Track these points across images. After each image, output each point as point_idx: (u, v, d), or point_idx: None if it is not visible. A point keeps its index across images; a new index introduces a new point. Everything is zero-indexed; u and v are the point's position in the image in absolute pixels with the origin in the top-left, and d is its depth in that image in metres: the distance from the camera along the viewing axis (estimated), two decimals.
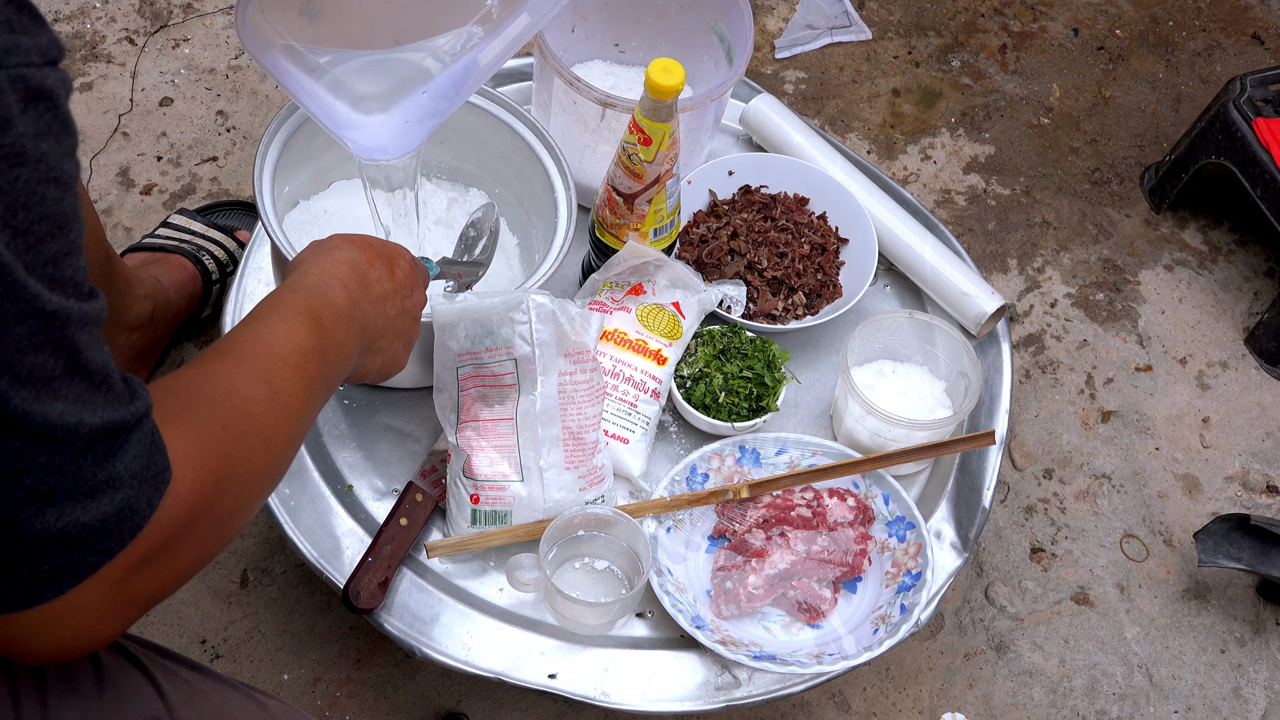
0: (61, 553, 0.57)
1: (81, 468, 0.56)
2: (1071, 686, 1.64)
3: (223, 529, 0.71)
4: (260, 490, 0.76)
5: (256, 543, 1.61)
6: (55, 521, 0.56)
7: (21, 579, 0.57)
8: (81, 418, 0.55)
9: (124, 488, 0.59)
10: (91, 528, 0.58)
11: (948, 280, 1.48)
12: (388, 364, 1.00)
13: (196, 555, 0.69)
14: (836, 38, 2.21)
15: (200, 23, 2.07)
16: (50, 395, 0.54)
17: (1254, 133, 1.88)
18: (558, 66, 1.36)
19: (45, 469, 0.55)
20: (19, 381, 0.52)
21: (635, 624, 1.27)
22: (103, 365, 0.57)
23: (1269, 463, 1.85)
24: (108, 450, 0.57)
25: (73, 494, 0.56)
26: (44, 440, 0.54)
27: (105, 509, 0.58)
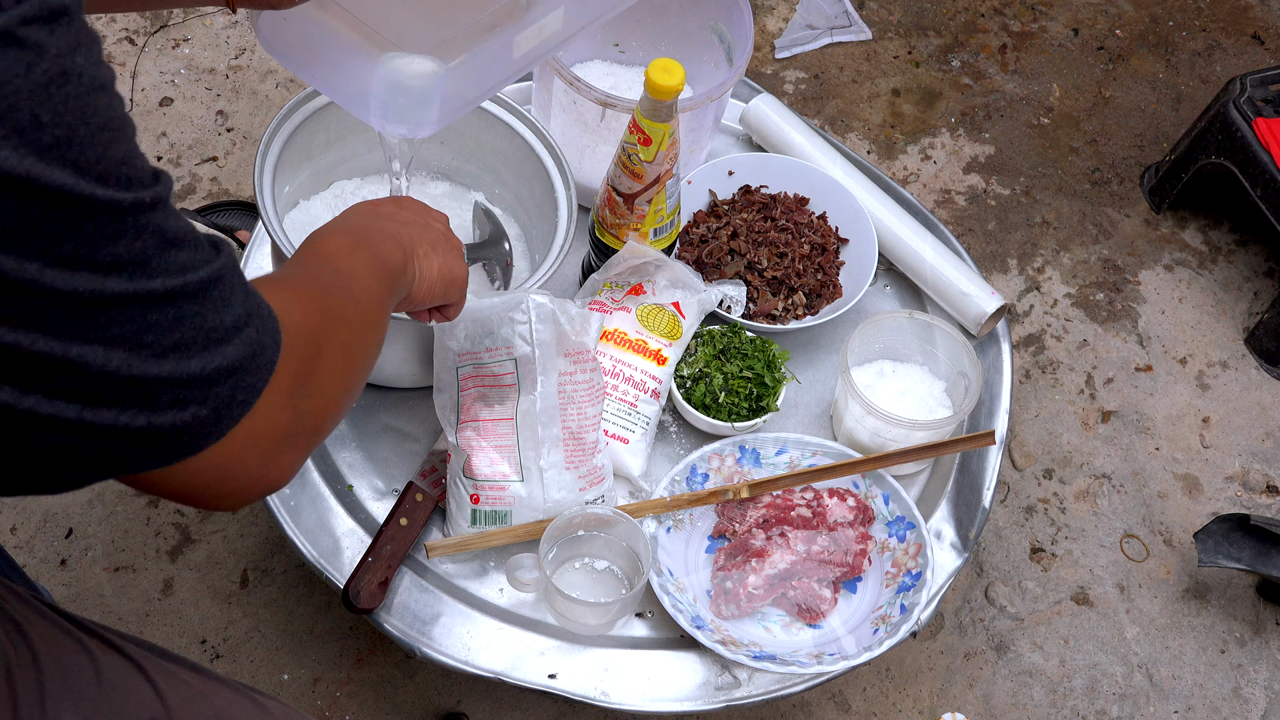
0: (218, 394, 0.63)
1: (206, 317, 0.62)
2: (1071, 686, 1.64)
3: (349, 359, 0.78)
4: (365, 334, 0.82)
5: (256, 543, 1.61)
6: (202, 368, 0.62)
7: (190, 424, 0.62)
8: (186, 278, 0.61)
9: (248, 327, 0.65)
10: (234, 368, 0.63)
11: (948, 280, 1.48)
12: (446, 271, 1.02)
13: (339, 382, 0.75)
14: (836, 38, 2.21)
15: (200, 23, 2.08)
16: (157, 267, 0.59)
17: (1254, 133, 1.88)
18: (558, 66, 1.36)
19: (176, 322, 0.60)
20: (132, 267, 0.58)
21: (635, 624, 1.27)
22: (187, 229, 0.62)
23: (1269, 463, 1.85)
24: (221, 298, 0.63)
25: (209, 341, 0.62)
26: (167, 299, 0.60)
27: (241, 349, 0.64)
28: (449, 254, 1.03)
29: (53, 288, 0.55)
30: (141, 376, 0.59)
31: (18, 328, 0.55)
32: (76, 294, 0.56)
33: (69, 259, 0.55)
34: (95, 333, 0.57)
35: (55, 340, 0.56)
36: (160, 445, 0.62)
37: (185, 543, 1.60)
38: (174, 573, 1.58)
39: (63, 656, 0.84)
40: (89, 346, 0.57)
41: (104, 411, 0.59)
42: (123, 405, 0.59)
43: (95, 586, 1.56)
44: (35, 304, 0.55)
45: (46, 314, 0.56)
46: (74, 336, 0.57)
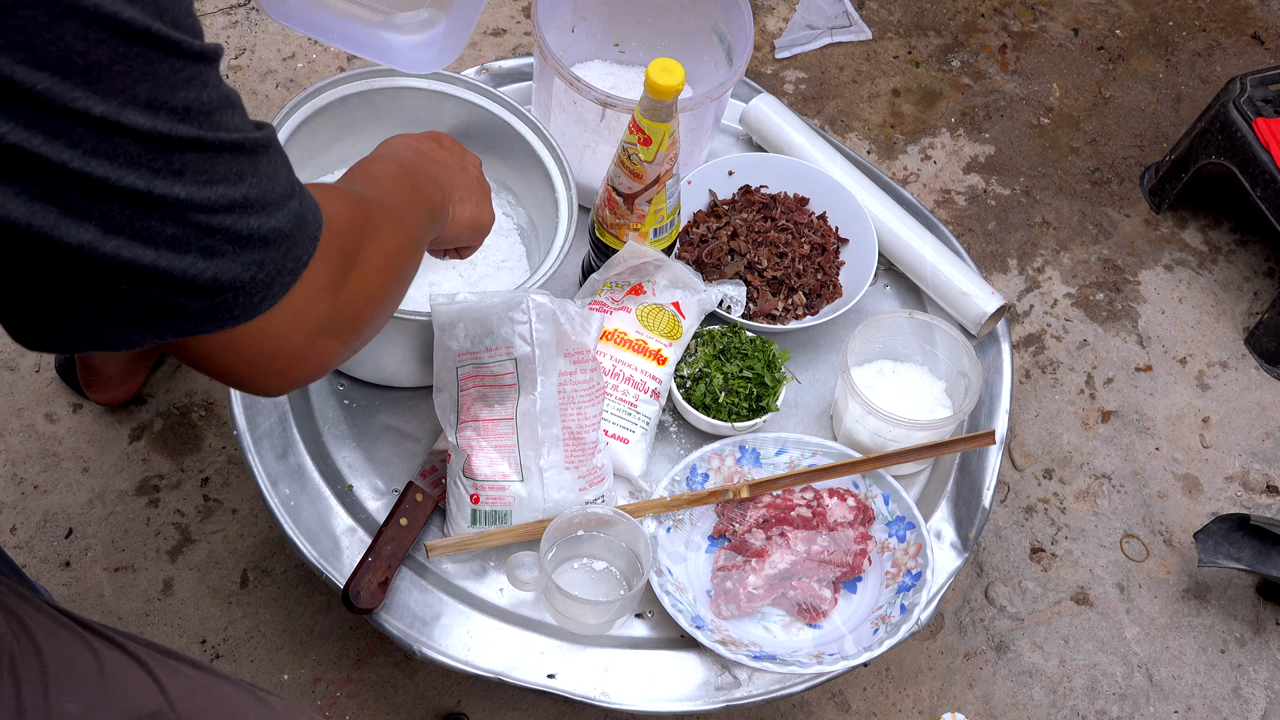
0: (271, 257, 0.65)
1: (261, 180, 0.64)
2: (1071, 686, 1.64)
3: (389, 264, 0.80)
4: (407, 246, 0.84)
5: (256, 543, 1.61)
6: (259, 226, 0.64)
7: (246, 285, 0.64)
8: (245, 135, 0.63)
9: (293, 198, 0.67)
10: (285, 234, 0.66)
11: (948, 280, 1.48)
12: (478, 214, 1.07)
13: (377, 283, 0.77)
14: (836, 38, 2.21)
15: (200, 22, 2.08)
16: (220, 121, 0.62)
17: (1254, 133, 1.88)
18: (558, 66, 1.36)
19: (238, 177, 0.63)
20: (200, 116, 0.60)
21: (635, 624, 1.27)
22: (238, 99, 0.65)
23: (1269, 463, 1.85)
24: (270, 166, 0.65)
25: (264, 203, 0.64)
26: (230, 150, 0.62)
27: (289, 217, 0.66)
28: (481, 200, 1.08)
29: (134, 127, 0.57)
30: (209, 226, 0.61)
31: (106, 163, 0.57)
32: (155, 134, 0.58)
33: (147, 101, 0.57)
34: (171, 173, 0.59)
35: (139, 176, 0.58)
36: (219, 304, 0.64)
37: (185, 543, 1.60)
38: (174, 573, 1.58)
39: (65, 649, 0.84)
40: (167, 183, 0.59)
41: (175, 257, 0.61)
42: (192, 252, 0.61)
43: (95, 586, 1.56)
44: (119, 142, 0.57)
45: (130, 151, 0.57)
46: (154, 174, 0.59)
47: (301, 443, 1.30)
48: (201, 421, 1.68)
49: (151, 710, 0.86)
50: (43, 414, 1.67)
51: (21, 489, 1.62)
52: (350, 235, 0.74)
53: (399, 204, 0.88)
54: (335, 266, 0.71)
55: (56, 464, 1.64)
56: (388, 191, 0.88)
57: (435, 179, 0.99)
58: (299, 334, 0.69)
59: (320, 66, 2.05)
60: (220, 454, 1.66)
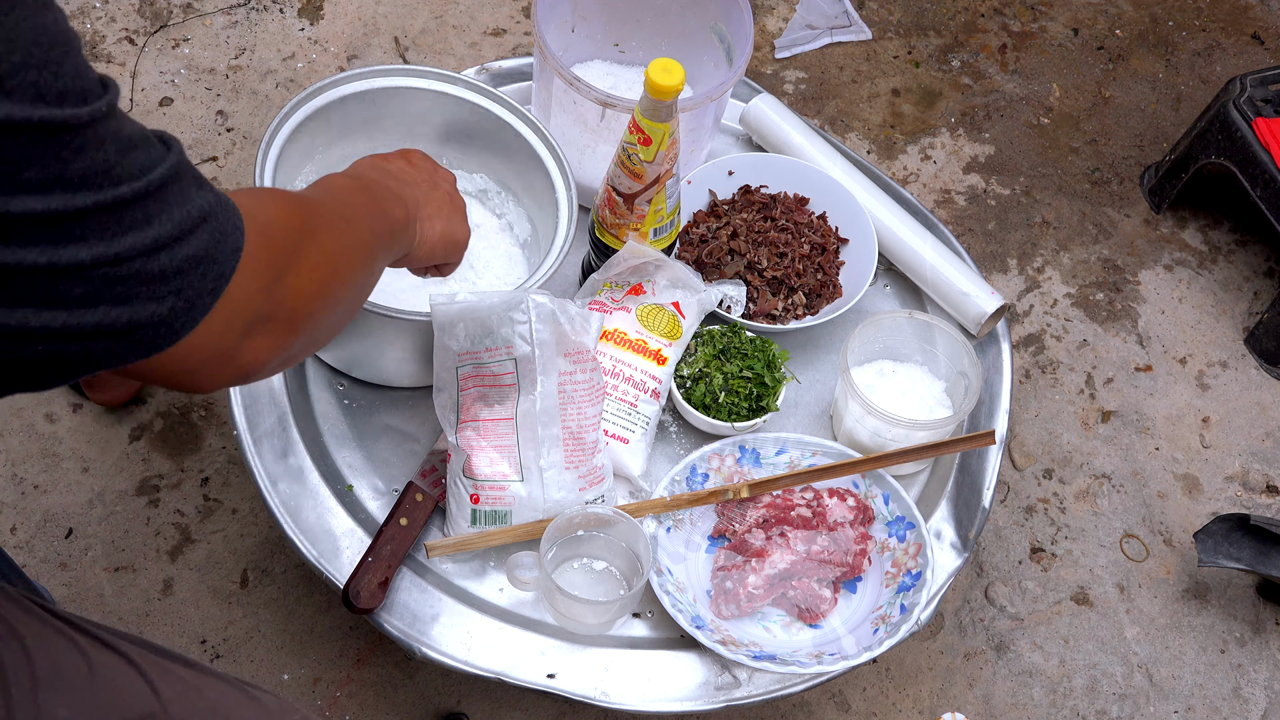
0: (190, 283, 0.65)
1: (172, 212, 0.64)
2: (1071, 686, 1.64)
3: (332, 264, 0.79)
4: (353, 249, 0.83)
5: (256, 543, 1.61)
6: (172, 260, 0.63)
7: (166, 316, 0.64)
8: (148, 178, 0.63)
9: (210, 216, 0.66)
10: (202, 256, 0.65)
11: (948, 280, 1.48)
12: (450, 232, 1.05)
13: (319, 279, 0.77)
14: (836, 38, 2.21)
15: (200, 23, 2.07)
16: (121, 174, 0.61)
17: (1254, 133, 1.88)
18: (558, 66, 1.36)
19: (145, 222, 0.62)
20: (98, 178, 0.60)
21: (635, 624, 1.27)
22: (139, 130, 0.64)
23: (1269, 463, 1.85)
24: (181, 192, 0.65)
25: (178, 234, 0.64)
26: (135, 201, 0.62)
27: (205, 237, 0.65)
28: (453, 216, 1.05)
29: (26, 212, 0.57)
30: (120, 275, 0.61)
31: (4, 250, 0.57)
32: (50, 213, 0.57)
33: (38, 183, 0.57)
34: (74, 240, 0.59)
35: (39, 253, 0.58)
36: (141, 339, 0.64)
37: (185, 543, 1.60)
38: (174, 573, 1.58)
39: (55, 654, 0.84)
40: (68, 251, 0.59)
41: (87, 313, 0.61)
42: (104, 304, 0.61)
43: (95, 586, 1.56)
44: (13, 228, 0.57)
45: (26, 233, 0.57)
46: (55, 246, 0.58)
47: (301, 443, 1.30)
48: (201, 421, 1.68)
49: (143, 713, 0.86)
50: (43, 414, 1.67)
51: (21, 489, 1.62)
52: (284, 235, 0.74)
53: (348, 212, 0.87)
54: (265, 267, 0.71)
55: (56, 464, 1.64)
56: (338, 200, 0.88)
57: (398, 195, 0.98)
58: (229, 336, 0.69)
59: (320, 66, 2.05)
60: (220, 454, 1.66)
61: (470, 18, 2.15)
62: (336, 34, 2.09)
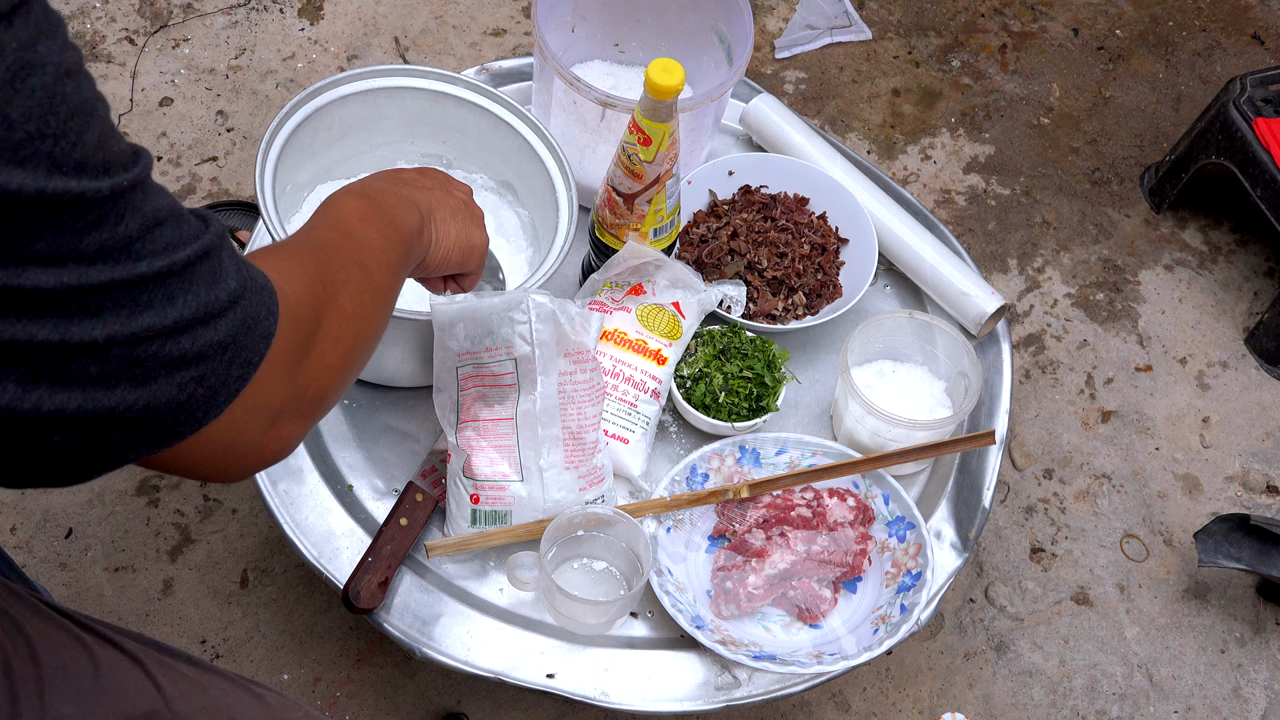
0: (214, 369, 0.62)
1: (199, 293, 0.61)
2: (1071, 686, 1.64)
3: (354, 329, 0.77)
4: (372, 302, 0.81)
5: (256, 543, 1.61)
6: (194, 344, 0.61)
7: (186, 402, 0.62)
8: (173, 257, 0.60)
9: (242, 300, 0.64)
10: (228, 342, 0.63)
11: (948, 280, 1.48)
12: (466, 236, 1.03)
13: (341, 353, 0.75)
14: (836, 38, 2.21)
15: (200, 23, 2.07)
16: (142, 249, 0.59)
17: (1254, 133, 1.88)
18: (558, 66, 1.36)
19: (167, 301, 0.60)
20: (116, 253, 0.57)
21: (635, 624, 1.27)
22: (171, 206, 0.61)
23: (1269, 463, 1.85)
24: (211, 273, 0.62)
25: (203, 317, 0.61)
26: (155, 280, 0.59)
27: (234, 323, 0.63)
28: (469, 222, 1.03)
29: (36, 286, 0.54)
30: (137, 357, 0.59)
31: (12, 324, 0.55)
32: (61, 288, 0.55)
33: (48, 256, 0.54)
34: (87, 316, 0.57)
35: (51, 329, 0.56)
36: (160, 427, 0.61)
37: (185, 543, 1.60)
38: (174, 573, 1.58)
39: (60, 652, 0.84)
40: (81, 328, 0.57)
41: (104, 395, 0.58)
42: (122, 385, 0.59)
43: (95, 586, 1.56)
44: (23, 302, 0.55)
45: (36, 308, 0.55)
46: (68, 322, 0.56)
47: (301, 442, 1.30)
48: None
49: (147, 710, 0.86)
50: None
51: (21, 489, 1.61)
52: (308, 312, 0.71)
53: (366, 249, 0.84)
54: (292, 350, 0.68)
55: None
56: (353, 235, 0.85)
57: (412, 200, 0.96)
58: (253, 427, 0.66)
59: (320, 66, 2.05)
60: None
61: (470, 18, 2.15)
62: (336, 34, 2.09)
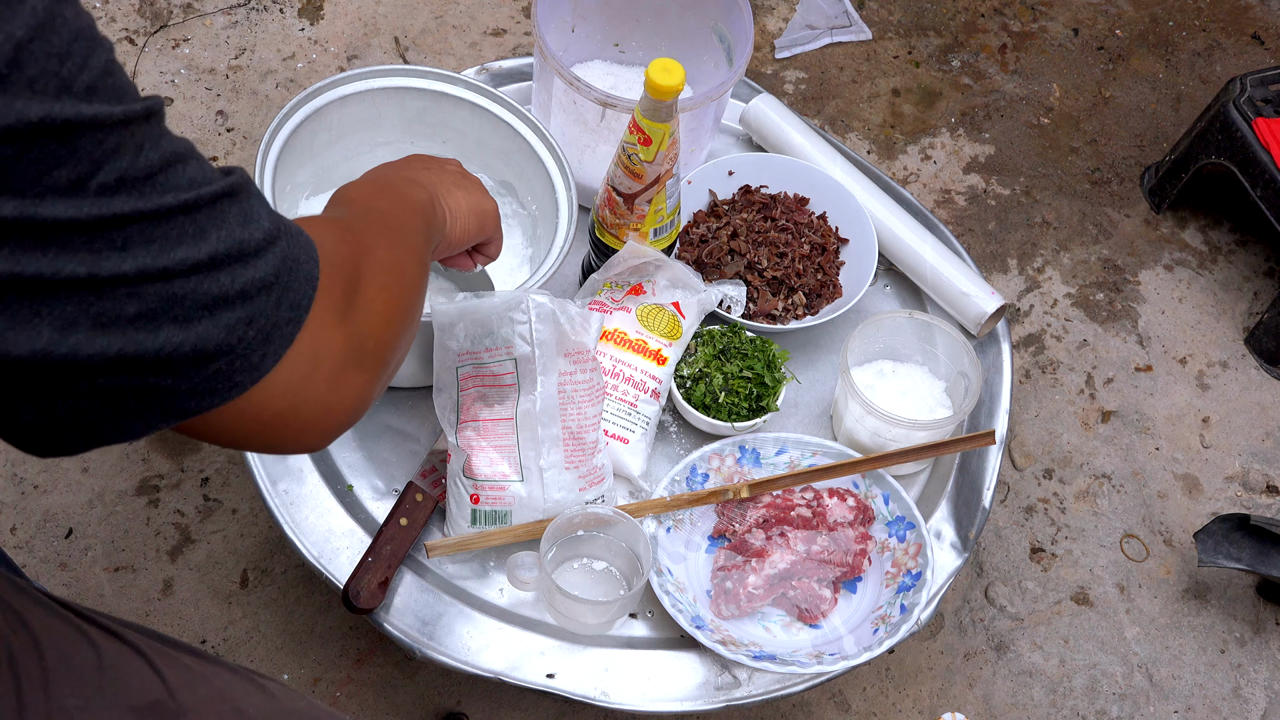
0: (260, 310, 0.60)
1: (231, 230, 0.59)
2: (1071, 686, 1.64)
3: (395, 278, 0.75)
4: (407, 256, 0.80)
5: (256, 543, 1.61)
6: (234, 281, 0.59)
7: (236, 346, 0.59)
8: (199, 191, 0.58)
9: (279, 240, 0.62)
10: (270, 281, 0.61)
11: (948, 280, 1.48)
12: (475, 205, 1.03)
13: (388, 301, 0.73)
14: (836, 38, 2.21)
15: (200, 23, 2.07)
16: (165, 183, 0.57)
17: (1254, 133, 1.88)
18: (558, 66, 1.36)
19: (198, 235, 0.57)
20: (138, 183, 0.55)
21: (635, 624, 1.27)
22: (192, 147, 0.60)
23: (1269, 463, 1.85)
24: (242, 213, 0.60)
25: (239, 255, 0.59)
26: (183, 212, 0.57)
27: (274, 262, 0.61)
28: (472, 189, 1.04)
29: (55, 217, 0.52)
30: (175, 294, 0.56)
31: (38, 258, 0.52)
32: (83, 218, 0.53)
33: (67, 185, 0.52)
34: (115, 250, 0.54)
35: (79, 263, 0.53)
36: (215, 374, 0.59)
37: (185, 543, 1.60)
38: (174, 573, 1.58)
39: (64, 644, 0.84)
40: (113, 261, 0.54)
41: (147, 337, 0.56)
42: (165, 326, 0.56)
43: (95, 586, 1.56)
44: (47, 235, 0.52)
45: (61, 241, 0.52)
46: (95, 255, 0.54)
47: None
48: None
49: (152, 700, 0.86)
50: None
51: (21, 489, 1.62)
52: (346, 259, 0.70)
53: (386, 212, 0.84)
54: (338, 297, 0.67)
55: (56, 464, 1.64)
56: (370, 209, 0.84)
57: (412, 179, 0.96)
58: (320, 379, 0.65)
59: (320, 66, 2.05)
60: (220, 454, 1.66)
61: (470, 18, 2.15)
62: (336, 34, 2.09)
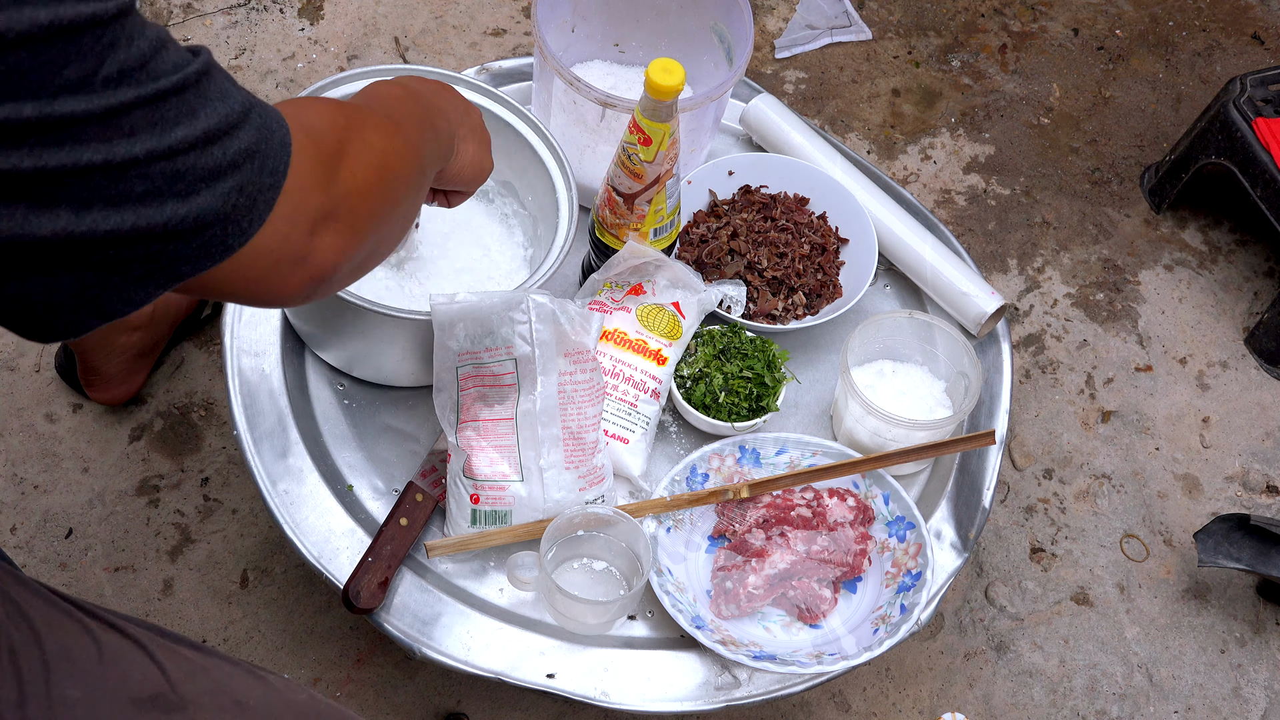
0: (246, 177, 0.66)
1: (214, 106, 0.64)
2: (1071, 686, 1.64)
3: (382, 159, 0.79)
4: (403, 148, 0.84)
5: (256, 543, 1.61)
6: (224, 153, 0.64)
7: (230, 213, 0.65)
8: (184, 72, 0.63)
9: (252, 111, 0.67)
10: (252, 149, 0.66)
11: (948, 280, 1.48)
12: (480, 157, 1.07)
13: (373, 174, 0.77)
14: (836, 38, 2.21)
15: (200, 23, 2.07)
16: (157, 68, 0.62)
17: (1254, 133, 1.88)
18: (558, 66, 1.36)
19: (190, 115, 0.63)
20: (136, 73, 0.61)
21: (635, 624, 1.27)
22: (164, 32, 0.65)
23: (1269, 463, 1.85)
24: (218, 89, 0.65)
25: (225, 127, 0.64)
26: (175, 93, 0.62)
27: (252, 132, 0.66)
28: (482, 144, 1.08)
29: (72, 113, 0.57)
30: (177, 171, 0.62)
31: (58, 151, 0.57)
32: (96, 109, 0.58)
33: (77, 82, 0.58)
34: (124, 136, 0.60)
35: (94, 152, 0.59)
36: (211, 239, 0.65)
37: (185, 543, 1.60)
38: (174, 573, 1.58)
39: (64, 637, 0.85)
40: (124, 146, 0.60)
41: (154, 211, 0.61)
42: (170, 200, 0.62)
43: (95, 586, 1.56)
44: (64, 129, 0.57)
45: (77, 134, 0.58)
46: (108, 144, 0.59)
47: (301, 443, 1.30)
48: (201, 421, 1.68)
49: (153, 692, 0.86)
50: (43, 414, 1.67)
51: (21, 489, 1.62)
52: (329, 133, 0.75)
53: (397, 115, 0.88)
54: (317, 164, 0.72)
55: (56, 464, 1.64)
56: (385, 104, 0.89)
57: (443, 110, 0.99)
58: (297, 233, 0.70)
59: (320, 66, 2.05)
60: (220, 454, 1.66)
61: (470, 18, 2.15)
62: (336, 34, 2.09)
